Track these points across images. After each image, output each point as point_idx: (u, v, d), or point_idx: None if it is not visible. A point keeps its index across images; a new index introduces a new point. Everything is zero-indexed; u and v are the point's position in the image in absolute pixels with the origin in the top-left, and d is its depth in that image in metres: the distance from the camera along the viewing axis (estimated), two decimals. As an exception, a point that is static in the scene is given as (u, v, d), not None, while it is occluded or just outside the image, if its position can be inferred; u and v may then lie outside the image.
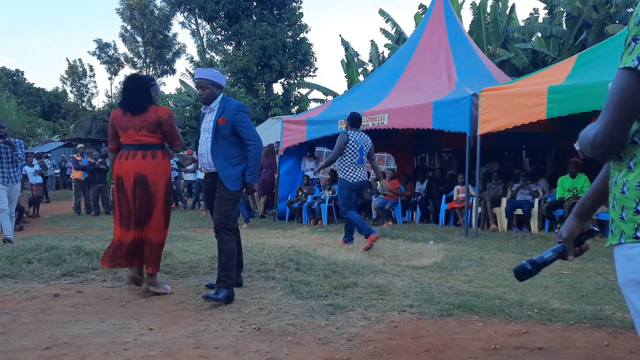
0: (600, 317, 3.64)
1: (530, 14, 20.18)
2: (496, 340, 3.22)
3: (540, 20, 19.86)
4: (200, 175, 13.99)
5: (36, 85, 48.37)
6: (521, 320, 3.61)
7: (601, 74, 7.14)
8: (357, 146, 6.89)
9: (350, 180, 6.91)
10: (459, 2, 19.01)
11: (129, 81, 4.49)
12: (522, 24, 19.56)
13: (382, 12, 20.78)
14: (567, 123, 8.73)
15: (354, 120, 7.07)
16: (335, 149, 6.92)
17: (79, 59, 53.80)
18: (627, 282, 1.34)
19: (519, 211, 9.13)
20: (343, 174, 6.95)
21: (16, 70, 48.63)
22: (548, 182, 9.64)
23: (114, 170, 4.36)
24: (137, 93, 4.34)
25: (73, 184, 14.11)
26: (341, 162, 6.95)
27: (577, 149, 1.42)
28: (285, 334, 3.26)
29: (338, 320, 3.54)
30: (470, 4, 18.18)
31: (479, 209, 9.06)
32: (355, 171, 6.91)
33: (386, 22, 20.84)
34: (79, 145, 16.29)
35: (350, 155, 6.88)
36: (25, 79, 48.88)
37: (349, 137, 6.88)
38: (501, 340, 3.21)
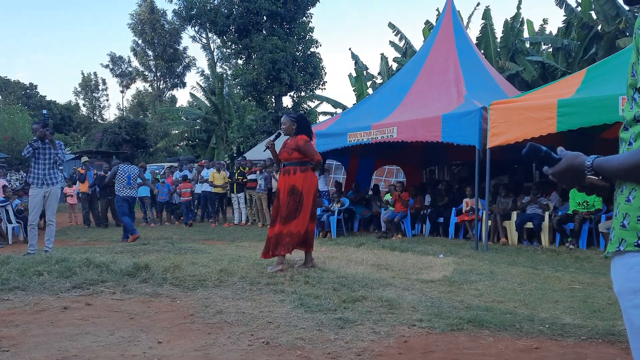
0: (613, 333, 3.59)
1: (540, 24, 20.10)
2: (507, 355, 3.19)
3: (549, 32, 19.80)
4: (205, 187, 14.02)
5: (48, 98, 49.09)
6: (532, 336, 3.57)
7: (611, 88, 7.10)
8: (125, 174, 10.48)
9: (121, 195, 10.49)
10: (468, 16, 19.08)
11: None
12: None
13: (391, 26, 20.87)
14: (577, 137, 8.68)
15: (124, 159, 11.35)
16: (110, 174, 11.10)
17: (94, 72, 54.48)
18: (624, 290, 1.32)
19: (530, 224, 9.06)
20: (117, 191, 10.57)
21: (30, 84, 49.38)
22: (560, 195, 9.58)
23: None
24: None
25: (80, 196, 14.20)
26: (117, 184, 10.54)
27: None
28: (294, 348, 3.24)
29: (347, 335, 3.52)
30: (482, 17, 18.20)
31: (489, 222, 9.00)
32: (125, 189, 10.50)
33: (395, 35, 20.92)
34: (84, 159, 16.39)
35: (121, 179, 10.47)
36: (38, 92, 49.57)
37: (119, 168, 10.56)
38: (512, 356, 3.18)
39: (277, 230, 5.91)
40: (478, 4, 22.81)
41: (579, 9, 16.39)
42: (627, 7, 13.71)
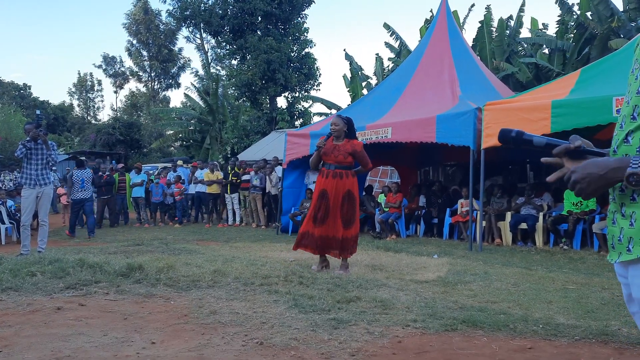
0: (606, 333, 3.60)
1: (540, 29, 20.06)
2: (501, 355, 3.19)
3: (548, 32, 19.84)
4: (200, 188, 13.98)
5: (41, 99, 49.01)
6: (526, 336, 3.58)
7: (605, 89, 7.13)
8: (79, 179, 11.44)
9: (74, 198, 11.47)
10: (463, 17, 19.13)
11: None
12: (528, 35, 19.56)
13: (386, 26, 20.89)
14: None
15: (79, 164, 12.29)
16: (69, 180, 12.00)
17: (90, 73, 54.32)
18: None
19: (524, 225, 9.09)
20: (72, 194, 11.61)
21: (23, 84, 49.26)
22: (552, 196, 9.62)
23: None
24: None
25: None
26: (73, 188, 11.58)
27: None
28: (287, 349, 3.24)
29: (341, 335, 3.51)
30: (480, 21, 18.23)
31: (484, 223, 9.02)
32: (78, 192, 11.44)
33: (390, 35, 20.92)
34: (82, 159, 16.33)
35: (77, 184, 11.44)
36: (31, 93, 49.43)
37: (73, 173, 11.65)
38: (506, 356, 3.18)
39: (340, 236, 5.98)
40: (473, 5, 22.89)
41: (577, 9, 16.45)
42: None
